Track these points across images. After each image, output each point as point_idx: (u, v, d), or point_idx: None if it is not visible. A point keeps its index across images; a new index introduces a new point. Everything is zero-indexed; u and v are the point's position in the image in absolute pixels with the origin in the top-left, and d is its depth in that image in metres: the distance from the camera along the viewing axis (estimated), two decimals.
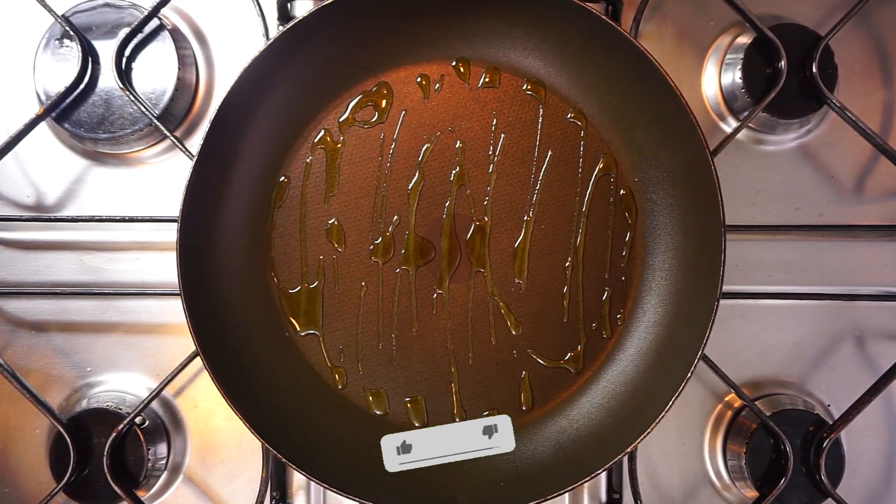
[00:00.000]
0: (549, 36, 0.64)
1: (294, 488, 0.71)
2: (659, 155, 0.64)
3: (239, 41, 0.74)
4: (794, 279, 0.73)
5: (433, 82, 0.67)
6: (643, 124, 0.64)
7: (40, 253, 0.72)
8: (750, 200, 0.73)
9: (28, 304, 0.72)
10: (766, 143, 0.74)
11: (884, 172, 0.73)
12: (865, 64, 0.74)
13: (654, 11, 0.73)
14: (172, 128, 0.71)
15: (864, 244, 0.73)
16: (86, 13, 0.70)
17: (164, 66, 0.70)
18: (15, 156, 0.72)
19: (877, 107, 0.74)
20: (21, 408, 0.68)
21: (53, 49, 0.70)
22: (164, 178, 0.73)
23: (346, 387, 0.66)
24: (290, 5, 0.73)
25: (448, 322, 0.66)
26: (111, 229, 0.72)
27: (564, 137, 0.66)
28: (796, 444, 0.67)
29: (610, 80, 0.64)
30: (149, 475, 0.67)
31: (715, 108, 0.74)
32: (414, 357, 0.66)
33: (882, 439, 0.72)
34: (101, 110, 0.70)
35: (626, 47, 0.60)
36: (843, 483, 0.68)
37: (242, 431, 0.59)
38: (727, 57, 0.73)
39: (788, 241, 0.73)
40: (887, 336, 0.73)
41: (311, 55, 0.63)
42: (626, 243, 0.66)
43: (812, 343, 0.72)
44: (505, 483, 0.63)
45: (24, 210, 0.72)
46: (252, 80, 0.60)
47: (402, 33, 0.65)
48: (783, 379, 0.72)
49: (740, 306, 0.72)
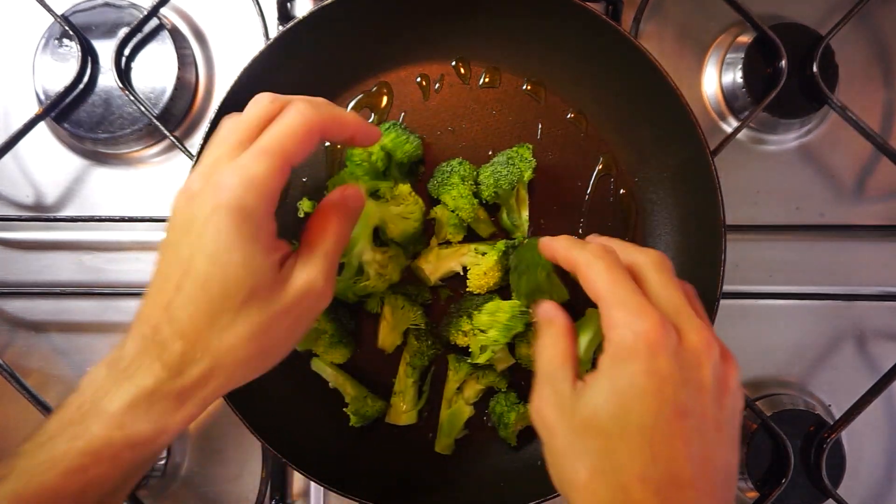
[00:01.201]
0: (550, 36, 0.64)
1: (294, 489, 0.71)
2: (659, 155, 0.64)
3: (239, 41, 0.74)
4: (794, 279, 0.72)
5: (433, 82, 0.66)
6: (643, 124, 0.64)
7: (40, 253, 0.72)
8: (750, 200, 0.73)
9: (28, 304, 0.72)
10: (766, 143, 0.74)
11: (884, 172, 0.73)
12: (866, 64, 0.74)
13: (654, 11, 0.73)
14: (172, 128, 0.71)
15: (864, 244, 0.73)
16: (85, 13, 0.70)
17: (164, 66, 0.70)
18: (15, 156, 0.72)
19: (877, 106, 0.74)
20: (21, 408, 0.68)
21: (53, 49, 0.70)
22: (164, 178, 0.73)
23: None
24: (290, 5, 0.73)
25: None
26: (111, 229, 0.72)
27: (564, 137, 0.66)
28: (797, 445, 0.67)
29: (610, 80, 0.64)
30: (149, 475, 0.68)
31: (715, 107, 0.74)
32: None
33: (883, 439, 0.72)
34: (100, 110, 0.70)
35: (626, 47, 0.60)
36: (844, 483, 0.68)
37: (242, 431, 0.59)
38: (728, 56, 0.73)
39: (789, 241, 0.73)
40: (887, 336, 0.73)
41: (311, 55, 0.63)
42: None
43: (812, 343, 0.72)
44: (505, 483, 0.63)
45: (23, 210, 0.72)
46: (252, 80, 0.60)
47: (401, 33, 0.65)
48: (784, 379, 0.72)
49: (740, 306, 0.72)
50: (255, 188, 0.41)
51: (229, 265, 0.40)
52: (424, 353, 0.61)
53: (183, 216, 0.42)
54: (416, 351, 0.61)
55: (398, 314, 0.62)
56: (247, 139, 0.43)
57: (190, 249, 0.41)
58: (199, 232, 0.41)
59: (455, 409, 0.62)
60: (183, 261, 0.41)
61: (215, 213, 0.40)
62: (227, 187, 0.41)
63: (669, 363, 0.39)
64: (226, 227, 0.40)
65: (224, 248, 0.40)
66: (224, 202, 0.40)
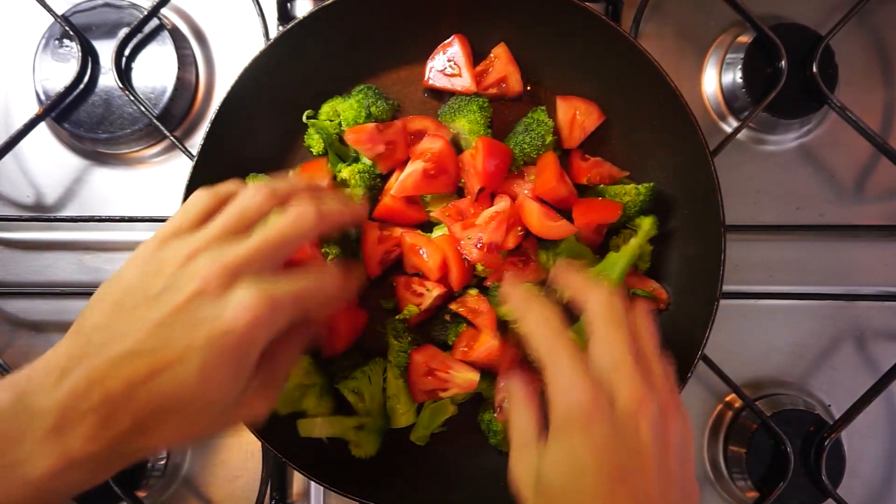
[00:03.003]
0: (550, 36, 0.64)
1: (294, 489, 0.70)
2: (659, 155, 0.64)
3: (239, 41, 0.74)
4: (794, 279, 0.72)
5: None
6: (643, 124, 0.64)
7: (40, 253, 0.72)
8: (750, 200, 0.73)
9: (28, 304, 0.72)
10: (766, 143, 0.74)
11: (884, 172, 0.73)
12: (866, 64, 0.74)
13: (654, 11, 0.73)
14: (172, 128, 0.71)
15: (864, 244, 0.73)
16: (85, 13, 0.70)
17: (164, 66, 0.70)
18: (15, 156, 0.72)
19: (877, 107, 0.74)
20: None
21: (53, 49, 0.70)
22: (164, 178, 0.73)
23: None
24: (290, 5, 0.73)
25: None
26: (111, 229, 0.72)
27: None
28: (797, 445, 0.67)
29: (610, 81, 0.64)
30: (149, 476, 0.68)
31: (715, 107, 0.74)
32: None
33: (883, 439, 0.72)
34: (100, 110, 0.70)
35: (626, 47, 0.60)
36: (844, 483, 0.68)
37: (242, 431, 0.59)
38: (727, 56, 0.73)
39: (789, 241, 0.73)
40: (887, 336, 0.73)
41: (311, 55, 0.63)
42: None
43: (812, 343, 0.72)
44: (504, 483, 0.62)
45: (23, 210, 0.72)
46: (252, 80, 0.60)
47: (401, 34, 0.65)
48: (784, 379, 0.72)
49: (740, 306, 0.72)
50: (273, 328, 0.41)
51: (214, 384, 0.39)
52: (406, 350, 0.61)
53: (186, 291, 0.40)
54: (398, 350, 0.61)
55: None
56: (242, 229, 0.43)
57: (185, 344, 0.39)
58: (205, 336, 0.39)
59: (438, 405, 0.63)
60: (171, 349, 0.39)
61: (231, 333, 0.39)
62: (254, 314, 0.39)
63: (604, 430, 0.40)
64: (233, 350, 0.39)
65: (221, 368, 0.39)
66: (242, 329, 0.39)
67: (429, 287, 0.62)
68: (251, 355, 0.41)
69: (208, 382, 0.39)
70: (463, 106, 0.63)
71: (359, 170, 0.62)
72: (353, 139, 0.62)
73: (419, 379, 0.61)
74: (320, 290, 0.45)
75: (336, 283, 0.46)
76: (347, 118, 0.63)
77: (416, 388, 0.62)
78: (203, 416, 0.41)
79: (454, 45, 0.65)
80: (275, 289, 0.41)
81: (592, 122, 0.65)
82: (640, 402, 0.41)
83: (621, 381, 0.42)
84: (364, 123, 0.63)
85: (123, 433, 0.39)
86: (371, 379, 0.62)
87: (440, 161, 0.62)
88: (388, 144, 0.63)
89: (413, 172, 0.62)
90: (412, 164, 0.62)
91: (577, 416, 0.40)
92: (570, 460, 0.41)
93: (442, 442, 0.64)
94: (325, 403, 0.62)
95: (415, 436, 0.63)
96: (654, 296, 0.63)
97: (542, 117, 0.62)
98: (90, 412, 0.38)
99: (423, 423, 0.63)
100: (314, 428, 0.61)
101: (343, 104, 0.63)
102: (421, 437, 0.63)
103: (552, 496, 0.41)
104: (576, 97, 0.65)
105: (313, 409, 0.62)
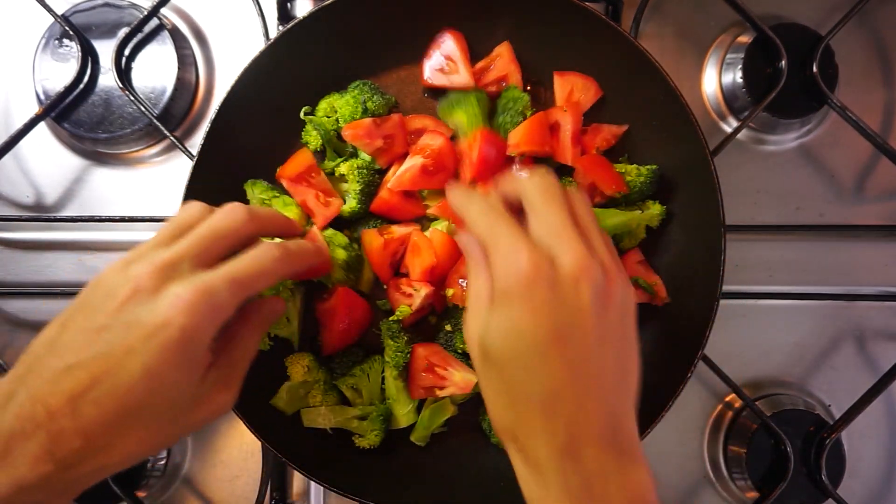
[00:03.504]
0: (550, 36, 0.64)
1: (294, 489, 0.70)
2: (659, 155, 0.64)
3: (239, 41, 0.74)
4: (794, 279, 0.72)
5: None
6: (643, 124, 0.64)
7: (40, 253, 0.72)
8: (750, 200, 0.73)
9: (28, 304, 0.72)
10: (766, 143, 0.74)
11: (884, 172, 0.73)
12: (866, 64, 0.74)
13: (654, 11, 0.73)
14: (172, 128, 0.71)
15: (864, 244, 0.73)
16: (85, 13, 0.70)
17: (164, 66, 0.70)
18: (15, 156, 0.72)
19: (877, 106, 0.74)
20: None
21: (53, 49, 0.70)
22: (164, 178, 0.73)
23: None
24: (290, 5, 0.73)
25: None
26: (111, 229, 0.72)
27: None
28: (797, 445, 0.67)
29: (610, 81, 0.64)
30: (149, 476, 0.67)
31: (715, 107, 0.74)
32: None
33: (883, 439, 0.72)
34: (100, 110, 0.70)
35: (626, 47, 0.60)
36: (844, 483, 0.68)
37: (242, 431, 0.59)
38: (727, 56, 0.73)
39: (789, 241, 0.73)
40: (887, 336, 0.73)
41: (311, 55, 0.63)
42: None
43: (812, 343, 0.72)
44: (505, 483, 0.63)
45: (23, 210, 0.72)
46: (252, 80, 0.60)
47: (401, 34, 0.65)
48: (784, 379, 0.72)
49: (741, 306, 0.72)
50: (216, 316, 0.40)
51: (164, 384, 0.39)
52: (403, 350, 0.61)
53: (121, 295, 0.40)
54: (395, 350, 0.61)
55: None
56: (214, 252, 0.43)
57: (124, 347, 0.38)
58: (143, 335, 0.38)
59: (438, 405, 0.63)
60: (109, 354, 0.38)
61: (168, 327, 0.38)
62: (189, 305, 0.39)
63: (544, 293, 0.41)
64: (175, 345, 0.39)
65: (166, 365, 0.39)
66: (180, 322, 0.39)
67: (416, 287, 0.62)
68: (198, 347, 0.40)
69: (156, 383, 0.39)
70: (462, 99, 0.63)
71: (357, 165, 0.62)
72: (351, 135, 0.62)
73: (418, 374, 0.61)
74: (258, 267, 0.44)
75: (274, 257, 0.45)
76: (344, 114, 0.63)
77: (414, 383, 0.62)
78: (162, 419, 0.40)
79: (448, 41, 0.65)
80: (207, 277, 0.41)
81: (590, 97, 0.65)
82: (582, 265, 0.41)
83: (562, 246, 0.42)
84: (361, 119, 0.63)
85: (75, 452, 0.38)
86: (370, 377, 0.62)
87: (439, 158, 0.62)
88: (385, 139, 0.63)
89: (411, 167, 0.62)
90: (411, 158, 0.63)
91: (518, 281, 0.41)
92: (510, 324, 0.41)
93: (442, 442, 0.64)
94: (330, 398, 0.63)
95: (415, 436, 0.63)
96: (653, 290, 0.63)
97: (516, 94, 0.63)
98: (36, 432, 0.37)
99: (423, 423, 0.63)
100: (318, 417, 0.62)
101: (339, 100, 0.64)
102: (421, 438, 0.63)
103: (495, 359, 0.43)
104: (572, 72, 0.65)
105: (319, 403, 0.62)
